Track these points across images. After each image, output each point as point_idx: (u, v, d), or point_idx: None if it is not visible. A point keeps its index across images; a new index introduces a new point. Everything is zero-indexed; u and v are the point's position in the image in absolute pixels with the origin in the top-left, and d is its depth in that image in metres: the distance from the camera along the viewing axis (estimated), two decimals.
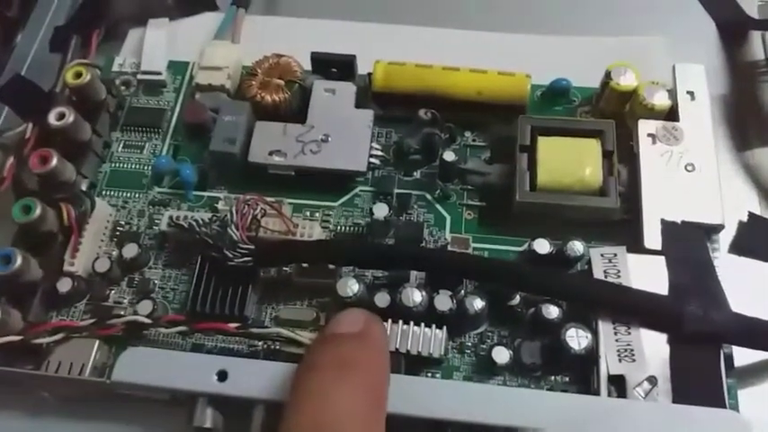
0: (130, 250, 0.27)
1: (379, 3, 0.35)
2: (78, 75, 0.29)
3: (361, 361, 0.20)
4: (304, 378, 0.20)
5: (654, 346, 0.23)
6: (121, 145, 0.30)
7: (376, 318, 0.22)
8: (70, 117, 0.28)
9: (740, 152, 0.30)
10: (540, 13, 0.34)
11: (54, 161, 0.27)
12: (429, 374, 0.25)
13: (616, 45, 0.32)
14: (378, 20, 0.33)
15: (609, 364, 0.23)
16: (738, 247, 0.27)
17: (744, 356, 0.24)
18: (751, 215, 0.28)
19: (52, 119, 0.28)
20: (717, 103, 0.31)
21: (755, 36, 0.33)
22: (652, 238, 0.25)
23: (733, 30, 0.33)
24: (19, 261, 0.25)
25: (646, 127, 0.27)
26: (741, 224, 0.27)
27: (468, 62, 0.30)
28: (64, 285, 0.26)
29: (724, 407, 0.22)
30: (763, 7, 0.33)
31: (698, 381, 0.23)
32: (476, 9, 0.34)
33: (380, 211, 0.27)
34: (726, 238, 0.27)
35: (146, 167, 0.30)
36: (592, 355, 0.23)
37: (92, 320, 0.25)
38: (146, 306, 0.26)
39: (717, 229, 0.26)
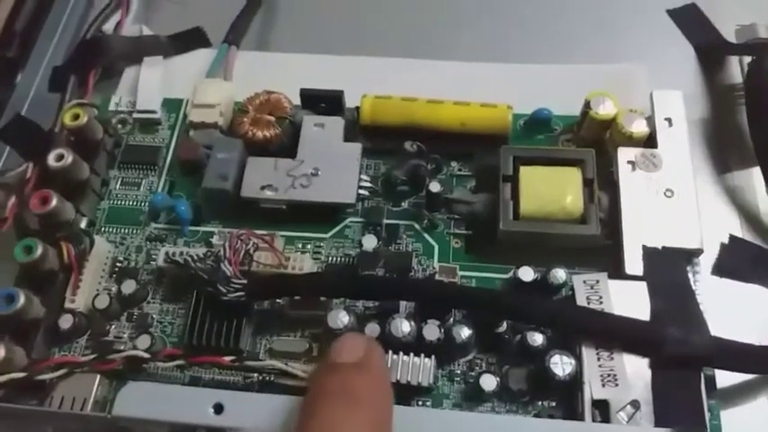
0: (129, 286, 0.28)
1: (364, 37, 0.36)
2: (76, 116, 0.30)
3: (365, 391, 0.21)
4: (311, 411, 0.20)
5: (636, 371, 0.24)
6: (119, 182, 0.31)
7: (375, 343, 0.23)
8: (69, 158, 0.29)
9: (720, 175, 0.31)
10: (522, 42, 0.35)
11: (54, 202, 0.28)
12: (419, 403, 0.25)
13: (596, 72, 0.32)
14: (364, 53, 0.34)
15: (593, 389, 0.24)
16: (720, 269, 0.28)
17: (726, 378, 0.25)
18: (732, 237, 0.28)
19: (51, 160, 0.29)
20: (697, 126, 0.32)
21: (733, 60, 0.34)
22: (633, 263, 0.26)
23: (711, 54, 0.34)
24: (22, 300, 0.26)
25: (625, 154, 0.28)
26: (722, 246, 0.28)
27: (452, 92, 0.31)
28: (65, 322, 0.27)
29: (705, 428, 0.23)
30: (740, 31, 0.34)
31: (679, 403, 0.23)
32: (458, 41, 0.35)
33: (369, 242, 0.28)
34: (708, 260, 0.28)
35: (143, 204, 0.31)
36: (576, 381, 0.24)
37: (93, 356, 0.26)
38: (144, 340, 0.26)
39: (696, 253, 0.27)
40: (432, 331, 0.25)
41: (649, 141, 0.29)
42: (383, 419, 0.21)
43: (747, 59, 0.33)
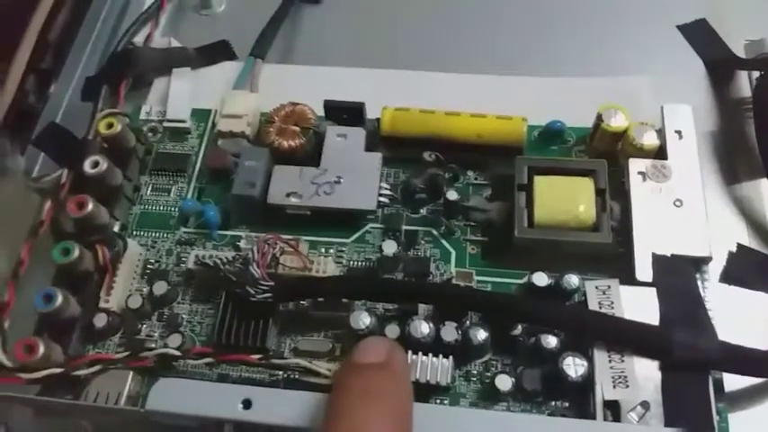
0: (160, 287, 0.29)
1: (385, 50, 0.37)
2: (110, 125, 0.32)
3: (387, 391, 0.22)
4: (336, 409, 0.22)
5: (646, 373, 0.25)
6: (150, 188, 0.33)
7: (397, 346, 0.24)
8: (103, 165, 0.30)
9: (729, 186, 0.32)
10: (538, 56, 0.36)
11: (90, 206, 0.29)
12: (438, 401, 0.26)
13: (609, 85, 0.33)
14: (385, 66, 0.36)
15: (604, 390, 0.24)
16: (728, 277, 0.28)
17: (734, 381, 0.26)
18: (739, 246, 0.29)
19: (87, 167, 0.30)
20: (706, 139, 0.33)
21: (742, 74, 0.35)
22: (643, 270, 0.27)
23: (720, 68, 0.35)
24: (60, 299, 0.27)
25: (636, 165, 0.29)
26: (730, 255, 0.29)
27: (469, 103, 0.32)
28: (100, 321, 0.28)
29: (713, 430, 0.24)
30: (749, 46, 0.35)
31: (688, 405, 0.24)
32: (475, 55, 0.36)
33: (389, 247, 0.29)
34: (716, 268, 0.28)
35: (173, 209, 0.32)
36: (588, 382, 0.25)
37: (126, 353, 0.27)
38: (175, 339, 0.28)
39: (705, 260, 0.28)
40: (449, 333, 0.26)
41: (660, 153, 0.30)
42: (404, 416, 0.22)
43: (756, 74, 0.33)
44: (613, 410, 0.24)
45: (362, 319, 0.27)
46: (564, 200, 0.28)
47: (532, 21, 0.38)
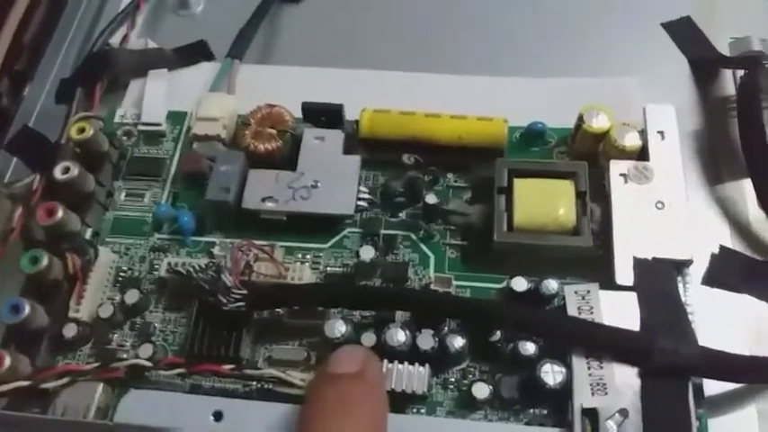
0: (132, 296, 0.28)
1: (364, 51, 0.36)
2: (82, 130, 0.31)
3: (361, 401, 0.22)
4: (309, 420, 0.21)
5: (625, 380, 0.24)
6: (123, 193, 0.32)
7: (372, 355, 0.24)
8: (75, 170, 0.30)
9: (712, 186, 0.31)
10: (518, 56, 0.35)
11: (60, 213, 0.29)
12: (414, 410, 0.26)
13: (590, 86, 0.33)
14: (364, 67, 0.35)
15: (582, 397, 0.24)
16: (710, 279, 0.28)
17: (714, 386, 0.25)
18: (722, 248, 0.28)
19: (58, 173, 0.30)
20: (690, 138, 0.32)
21: (727, 73, 0.34)
22: (624, 274, 0.26)
23: (705, 67, 0.34)
24: (27, 310, 0.27)
25: (617, 167, 0.29)
26: (713, 256, 0.28)
27: (449, 104, 0.31)
28: (69, 331, 0.27)
29: None
30: (734, 44, 0.35)
31: (667, 412, 0.24)
32: (455, 55, 0.36)
33: (366, 253, 0.28)
34: (698, 270, 0.28)
35: (147, 215, 0.31)
36: (566, 389, 0.24)
37: (96, 364, 0.27)
38: (146, 349, 0.27)
39: (686, 264, 0.27)
40: (426, 340, 0.26)
41: (642, 154, 0.29)
42: (378, 427, 0.22)
43: (740, 72, 0.33)
44: (592, 418, 0.24)
45: (338, 328, 0.26)
46: (544, 203, 0.28)
47: (515, 22, 0.37)
